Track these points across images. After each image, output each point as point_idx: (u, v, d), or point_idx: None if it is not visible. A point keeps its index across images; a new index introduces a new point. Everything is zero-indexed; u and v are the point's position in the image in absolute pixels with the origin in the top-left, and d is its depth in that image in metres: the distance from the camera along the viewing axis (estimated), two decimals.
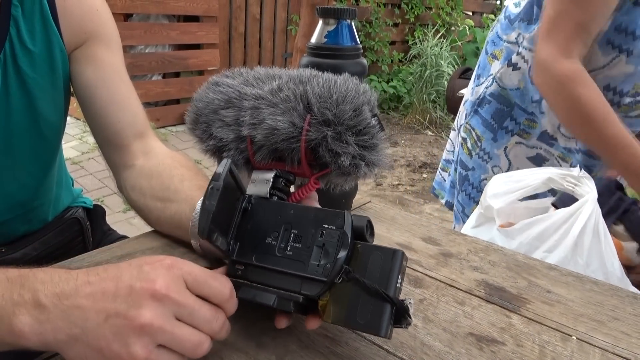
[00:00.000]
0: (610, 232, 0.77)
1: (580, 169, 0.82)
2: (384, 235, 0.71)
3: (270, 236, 0.44)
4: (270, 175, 0.48)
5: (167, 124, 3.95)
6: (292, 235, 0.44)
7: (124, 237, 0.87)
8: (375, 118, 0.47)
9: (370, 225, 0.44)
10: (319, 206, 0.50)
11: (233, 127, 0.49)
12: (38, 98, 0.66)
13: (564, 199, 0.85)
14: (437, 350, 0.47)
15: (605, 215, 0.78)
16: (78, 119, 3.57)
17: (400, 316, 0.40)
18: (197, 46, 4.05)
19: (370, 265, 0.41)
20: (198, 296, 0.40)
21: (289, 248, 0.43)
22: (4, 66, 0.62)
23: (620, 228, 0.83)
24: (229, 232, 0.45)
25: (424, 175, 3.63)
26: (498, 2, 6.60)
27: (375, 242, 0.44)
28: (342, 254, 0.41)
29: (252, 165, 0.50)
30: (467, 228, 0.93)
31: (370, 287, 0.39)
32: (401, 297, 0.40)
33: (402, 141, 4.37)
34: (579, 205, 0.76)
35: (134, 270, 0.39)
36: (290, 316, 0.46)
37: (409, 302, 0.40)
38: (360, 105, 0.46)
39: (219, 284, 0.41)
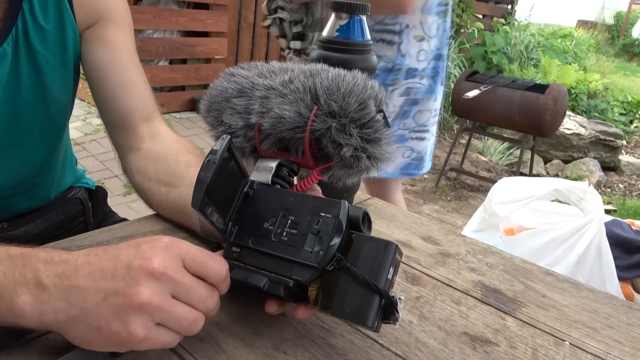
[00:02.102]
0: (632, 283, 0.78)
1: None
2: (384, 232, 0.71)
3: (268, 221, 0.45)
4: (274, 163, 0.49)
5: (171, 110, 3.95)
6: (289, 221, 0.44)
7: (125, 219, 0.88)
8: (381, 114, 0.48)
9: (367, 218, 0.45)
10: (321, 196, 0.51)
11: (243, 115, 0.50)
12: (48, 76, 0.66)
13: None
14: (431, 348, 0.48)
15: (633, 268, 0.78)
16: (83, 100, 3.57)
17: (389, 311, 0.40)
18: (205, 34, 4.04)
19: (362, 256, 0.41)
20: (194, 275, 0.40)
21: (284, 234, 0.44)
22: (15, 42, 0.62)
23: None
24: (228, 213, 0.45)
25: (425, 176, 3.63)
26: (509, 7, 6.57)
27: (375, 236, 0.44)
28: (335, 241, 0.42)
29: (258, 153, 0.51)
30: (469, 231, 0.94)
31: (360, 277, 0.40)
32: (395, 293, 0.41)
33: None
34: (585, 222, 0.76)
35: (132, 249, 0.39)
36: (283, 303, 0.46)
37: (399, 298, 0.40)
38: (366, 99, 0.46)
39: (216, 264, 0.41)
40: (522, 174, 3.27)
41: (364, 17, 0.66)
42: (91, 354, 0.39)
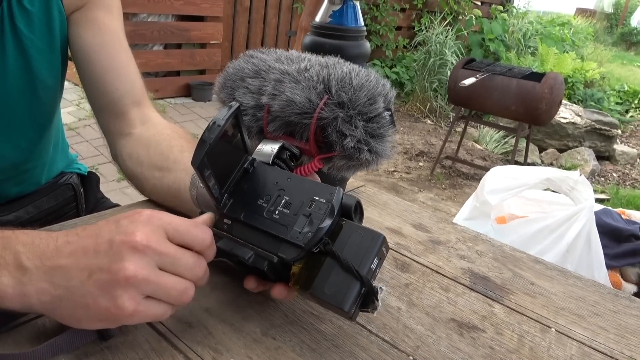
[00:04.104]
0: (620, 271, 0.79)
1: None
2: (376, 220, 0.71)
3: (263, 198, 0.46)
4: (277, 145, 0.49)
5: (165, 96, 3.92)
6: (284, 201, 0.45)
7: (117, 205, 0.88)
8: (389, 112, 0.49)
9: (360, 208, 0.45)
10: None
11: (255, 95, 0.51)
12: (34, 59, 0.65)
13: None
14: (418, 334, 0.48)
15: (621, 257, 0.78)
16: (76, 85, 3.54)
17: (369, 299, 0.40)
18: (200, 18, 4.00)
19: (349, 243, 0.42)
20: (179, 245, 0.40)
21: (277, 212, 0.44)
22: (0, 25, 0.61)
23: (634, 271, 0.84)
24: (225, 184, 0.46)
25: (420, 164, 3.64)
26: None
27: (365, 225, 0.45)
28: (325, 224, 0.42)
29: (264, 134, 0.51)
30: (460, 219, 0.94)
31: (344, 262, 0.40)
32: (377, 284, 0.41)
33: (401, 128, 4.37)
34: (576, 211, 0.76)
35: (112, 225, 0.39)
36: (262, 283, 0.46)
37: (380, 288, 0.41)
38: (376, 95, 0.48)
39: (200, 231, 0.41)
40: (517, 163, 3.28)
41: (357, 3, 0.65)
42: (80, 335, 0.39)
